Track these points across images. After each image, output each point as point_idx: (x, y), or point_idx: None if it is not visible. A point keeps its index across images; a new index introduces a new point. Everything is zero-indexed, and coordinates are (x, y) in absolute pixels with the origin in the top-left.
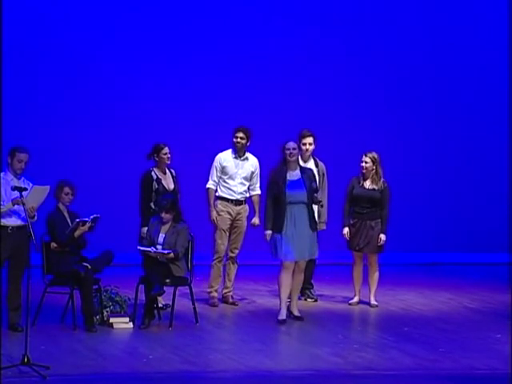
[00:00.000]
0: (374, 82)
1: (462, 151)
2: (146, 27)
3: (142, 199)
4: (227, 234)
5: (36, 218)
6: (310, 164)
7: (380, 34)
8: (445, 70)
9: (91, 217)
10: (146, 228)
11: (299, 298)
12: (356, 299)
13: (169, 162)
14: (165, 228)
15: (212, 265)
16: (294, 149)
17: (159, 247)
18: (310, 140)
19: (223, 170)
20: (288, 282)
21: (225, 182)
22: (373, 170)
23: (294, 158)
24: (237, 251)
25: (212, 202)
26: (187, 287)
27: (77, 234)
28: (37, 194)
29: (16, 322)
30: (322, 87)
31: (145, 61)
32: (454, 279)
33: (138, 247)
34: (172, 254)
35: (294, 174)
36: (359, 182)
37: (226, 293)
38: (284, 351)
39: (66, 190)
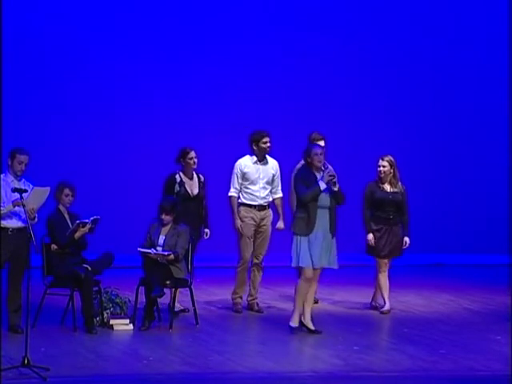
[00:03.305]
0: (381, 85)
1: (461, 153)
2: (158, 30)
3: None
4: (251, 240)
5: (36, 219)
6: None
7: (394, 39)
8: (451, 74)
9: (91, 218)
10: None
11: None
12: (387, 307)
13: (195, 167)
14: (165, 230)
15: (237, 272)
16: (321, 154)
17: (159, 249)
18: (321, 143)
19: (244, 176)
20: (307, 290)
21: (247, 188)
22: (390, 173)
23: (322, 163)
24: (261, 257)
25: (235, 210)
26: (187, 289)
27: (77, 235)
28: (37, 196)
29: (16, 324)
30: (333, 91)
31: (148, 60)
32: (454, 281)
33: (138, 249)
34: (172, 256)
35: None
36: (379, 187)
37: (250, 300)
38: (284, 353)
39: (66, 191)
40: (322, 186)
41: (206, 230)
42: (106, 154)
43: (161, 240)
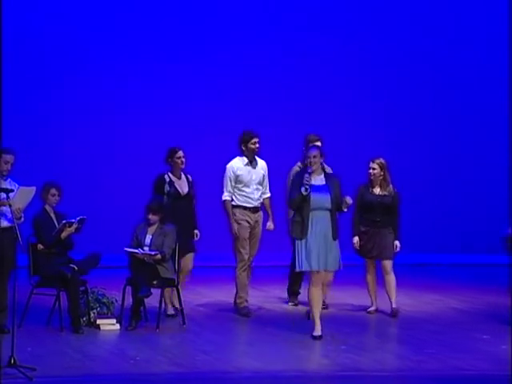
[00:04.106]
0: (381, 85)
1: (460, 152)
2: (155, 29)
3: None
4: (248, 241)
5: (23, 219)
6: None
7: (394, 39)
8: (451, 74)
9: (78, 218)
10: None
11: (286, 302)
12: (374, 307)
13: (183, 166)
14: (152, 229)
15: (237, 275)
16: (314, 157)
17: (146, 249)
18: (317, 144)
19: (237, 179)
20: (319, 295)
21: (240, 190)
22: (380, 176)
23: (316, 166)
24: (252, 258)
25: (231, 213)
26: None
27: (63, 235)
28: (23, 196)
29: (2, 324)
30: (333, 91)
31: (143, 61)
32: (443, 280)
33: (125, 249)
34: (159, 256)
35: (318, 179)
36: (368, 189)
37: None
38: (271, 353)
39: (53, 191)
40: (303, 191)
41: (196, 232)
42: (93, 153)
43: (147, 240)
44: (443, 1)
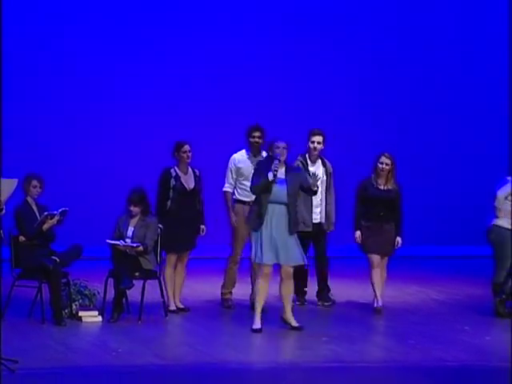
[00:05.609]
0: (381, 85)
1: (446, 147)
2: (157, 27)
3: (159, 196)
4: (245, 239)
5: (4, 211)
6: (318, 164)
7: (392, 40)
8: (451, 74)
9: (59, 210)
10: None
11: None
12: (380, 303)
13: (189, 161)
14: (133, 221)
15: (228, 268)
16: (284, 148)
17: (128, 240)
18: (319, 139)
19: (239, 172)
20: (265, 288)
21: (241, 183)
22: (390, 170)
23: (283, 158)
24: None
25: (230, 205)
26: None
27: (45, 227)
28: (4, 187)
29: None
30: (333, 90)
31: (142, 54)
32: (426, 272)
33: (107, 241)
34: (141, 248)
35: (279, 172)
36: (373, 184)
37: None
38: (254, 345)
39: (34, 183)
40: (270, 176)
41: (202, 227)
42: (76, 145)
43: (129, 232)
44: (443, 1)
